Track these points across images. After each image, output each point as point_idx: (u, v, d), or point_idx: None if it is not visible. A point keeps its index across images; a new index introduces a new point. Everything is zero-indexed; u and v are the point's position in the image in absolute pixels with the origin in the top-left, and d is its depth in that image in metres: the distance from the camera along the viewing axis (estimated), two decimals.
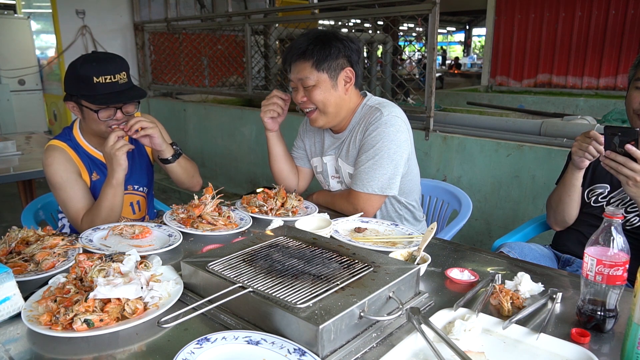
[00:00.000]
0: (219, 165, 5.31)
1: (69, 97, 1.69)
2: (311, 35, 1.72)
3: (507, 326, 0.98)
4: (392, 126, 1.71)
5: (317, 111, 1.76)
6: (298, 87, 1.75)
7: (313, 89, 1.70)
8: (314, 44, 1.68)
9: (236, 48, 5.71)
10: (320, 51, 1.67)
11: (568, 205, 1.69)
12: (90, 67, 1.61)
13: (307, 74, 1.69)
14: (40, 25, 6.67)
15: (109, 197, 1.63)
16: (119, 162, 1.60)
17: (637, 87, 1.53)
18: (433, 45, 3.18)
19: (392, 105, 1.78)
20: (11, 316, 1.03)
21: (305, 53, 1.68)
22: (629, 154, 1.32)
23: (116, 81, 1.63)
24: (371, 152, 1.71)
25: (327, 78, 1.71)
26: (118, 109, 1.68)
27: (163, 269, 1.19)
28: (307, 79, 1.70)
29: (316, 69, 1.69)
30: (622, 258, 0.95)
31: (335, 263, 1.13)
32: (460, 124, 3.60)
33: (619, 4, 7.27)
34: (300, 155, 2.05)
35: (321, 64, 1.68)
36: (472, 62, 22.55)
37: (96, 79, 1.60)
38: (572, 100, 7.27)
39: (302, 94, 1.74)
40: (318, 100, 1.72)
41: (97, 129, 1.70)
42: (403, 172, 1.78)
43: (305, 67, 1.69)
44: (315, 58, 1.67)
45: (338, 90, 1.73)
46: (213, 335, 0.91)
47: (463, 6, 15.38)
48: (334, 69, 1.70)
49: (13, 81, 6.66)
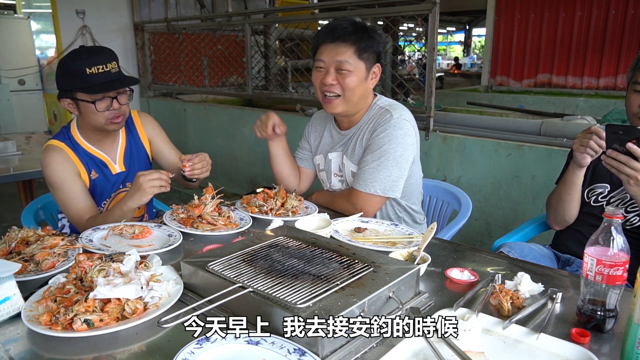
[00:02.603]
0: (219, 165, 5.31)
1: (63, 94, 1.69)
2: (355, 22, 1.70)
3: (507, 326, 0.98)
4: (401, 129, 1.70)
5: (341, 98, 1.72)
6: (329, 69, 1.69)
7: (348, 74, 1.68)
8: (361, 31, 1.66)
9: (236, 48, 5.70)
10: (366, 40, 1.66)
11: (568, 204, 1.69)
12: (82, 60, 1.62)
13: (348, 58, 1.66)
14: (40, 25, 6.67)
15: (116, 217, 1.62)
16: (142, 197, 1.57)
17: (635, 90, 1.53)
18: (433, 45, 3.18)
19: (403, 109, 1.77)
20: (11, 316, 1.03)
21: (351, 37, 1.65)
22: (631, 153, 1.32)
23: (108, 70, 1.64)
24: (377, 153, 1.71)
25: (364, 68, 1.70)
26: (114, 98, 1.68)
27: (163, 269, 1.19)
28: (347, 64, 1.66)
29: (358, 56, 1.67)
30: (622, 258, 0.95)
31: (335, 263, 1.13)
32: (460, 124, 3.60)
33: (619, 4, 7.27)
34: (305, 157, 2.05)
35: (363, 53, 1.67)
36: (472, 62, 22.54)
37: (89, 70, 1.61)
38: (572, 100, 7.27)
39: (333, 77, 1.69)
40: (350, 88, 1.69)
41: (96, 122, 1.70)
42: (407, 176, 1.77)
43: (347, 51, 1.66)
44: (359, 45, 1.66)
45: (367, 82, 1.73)
46: (213, 335, 0.91)
47: (463, 6, 15.37)
48: (371, 61, 1.70)
49: (13, 81, 6.66)
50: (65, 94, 1.68)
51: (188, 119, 5.58)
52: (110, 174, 1.84)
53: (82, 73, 1.60)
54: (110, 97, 1.67)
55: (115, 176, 1.86)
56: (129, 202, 1.60)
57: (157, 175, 1.56)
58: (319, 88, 1.75)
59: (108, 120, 1.70)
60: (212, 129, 5.29)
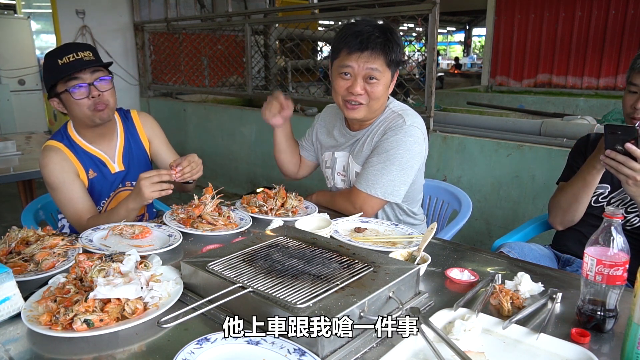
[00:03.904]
0: (219, 165, 5.31)
1: (50, 94, 1.71)
2: (381, 27, 1.64)
3: (507, 326, 0.98)
4: (411, 136, 1.70)
5: (365, 106, 1.70)
6: (357, 77, 1.65)
7: (377, 83, 1.65)
8: (390, 40, 1.63)
9: (236, 48, 5.70)
10: (395, 50, 1.64)
11: (582, 205, 1.66)
12: (54, 55, 1.65)
13: (379, 67, 1.63)
14: (40, 25, 6.67)
15: (121, 216, 1.63)
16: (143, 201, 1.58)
17: (630, 90, 1.55)
18: (433, 45, 3.18)
19: (415, 115, 1.77)
20: (11, 316, 1.03)
21: (381, 46, 1.61)
22: (629, 153, 1.32)
23: (80, 58, 1.64)
24: (384, 156, 1.70)
25: (390, 76, 1.69)
26: (91, 84, 1.66)
27: (163, 269, 1.19)
28: (378, 72, 1.63)
29: (387, 66, 1.65)
30: (622, 258, 0.95)
31: (335, 263, 1.13)
32: (460, 124, 3.60)
33: (619, 4, 7.27)
34: (307, 147, 2.08)
35: (391, 63, 1.66)
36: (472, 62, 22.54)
37: (60, 61, 1.63)
38: (572, 100, 7.28)
39: (362, 86, 1.65)
40: (377, 96, 1.67)
41: (81, 114, 1.70)
42: (410, 182, 1.77)
43: (377, 60, 1.62)
44: (390, 56, 1.63)
45: (388, 90, 1.73)
46: (213, 335, 0.91)
47: (463, 6, 15.37)
48: (395, 69, 1.69)
49: (13, 81, 6.67)
50: (50, 93, 1.70)
51: (188, 119, 5.58)
52: (109, 173, 1.84)
53: (55, 65, 1.63)
54: (87, 83, 1.66)
55: (114, 175, 1.85)
56: (131, 203, 1.61)
57: (158, 179, 1.55)
58: (341, 94, 1.70)
59: (91, 111, 1.69)
60: (212, 129, 5.29)
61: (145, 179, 1.54)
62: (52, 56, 1.65)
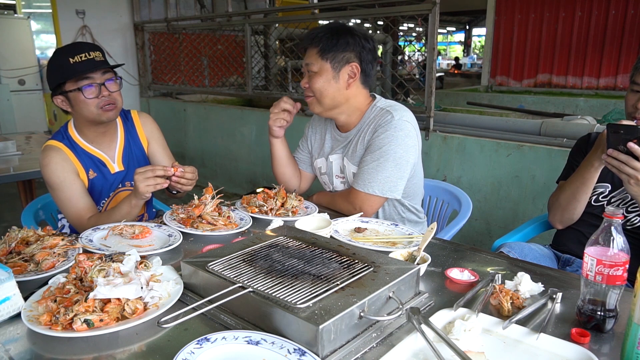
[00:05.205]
0: (219, 165, 5.31)
1: (55, 92, 1.71)
2: (327, 25, 1.77)
3: (507, 326, 0.98)
4: (402, 130, 1.71)
5: (314, 99, 1.78)
6: (305, 72, 1.79)
7: (314, 75, 1.74)
8: (325, 33, 1.72)
9: (236, 48, 5.70)
10: (328, 40, 1.71)
11: (581, 202, 1.66)
12: (65, 53, 1.65)
13: (312, 60, 1.73)
14: (40, 25, 6.68)
15: (123, 213, 1.64)
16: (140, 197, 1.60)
17: (633, 89, 1.55)
18: (433, 45, 3.18)
19: (404, 109, 1.77)
20: (11, 316, 1.03)
21: (314, 40, 1.73)
22: (632, 153, 1.32)
23: (92, 58, 1.66)
24: (377, 154, 1.71)
25: (330, 68, 1.72)
26: (101, 85, 1.68)
27: (163, 269, 1.19)
28: (312, 65, 1.74)
29: (321, 56, 1.72)
30: (622, 258, 0.95)
31: (335, 263, 1.13)
32: (460, 124, 3.60)
33: (619, 4, 7.28)
34: (304, 159, 2.06)
35: (326, 53, 1.71)
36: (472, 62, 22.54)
37: (72, 59, 1.63)
38: (572, 100, 7.28)
39: (305, 80, 1.78)
40: (315, 88, 1.74)
41: (89, 112, 1.70)
42: (409, 176, 1.77)
43: (312, 54, 1.73)
44: (321, 46, 1.71)
45: (339, 82, 1.74)
46: (213, 335, 0.91)
47: (463, 6, 15.38)
48: (339, 61, 1.72)
49: (13, 81, 6.67)
50: (56, 91, 1.70)
51: (188, 119, 5.58)
52: (109, 173, 1.84)
53: (67, 63, 1.64)
54: (97, 83, 1.68)
55: (114, 175, 1.86)
56: (133, 199, 1.63)
57: (151, 173, 1.56)
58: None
59: (100, 109, 1.70)
60: (212, 129, 5.29)
61: (139, 173, 1.56)
62: (63, 54, 1.65)
